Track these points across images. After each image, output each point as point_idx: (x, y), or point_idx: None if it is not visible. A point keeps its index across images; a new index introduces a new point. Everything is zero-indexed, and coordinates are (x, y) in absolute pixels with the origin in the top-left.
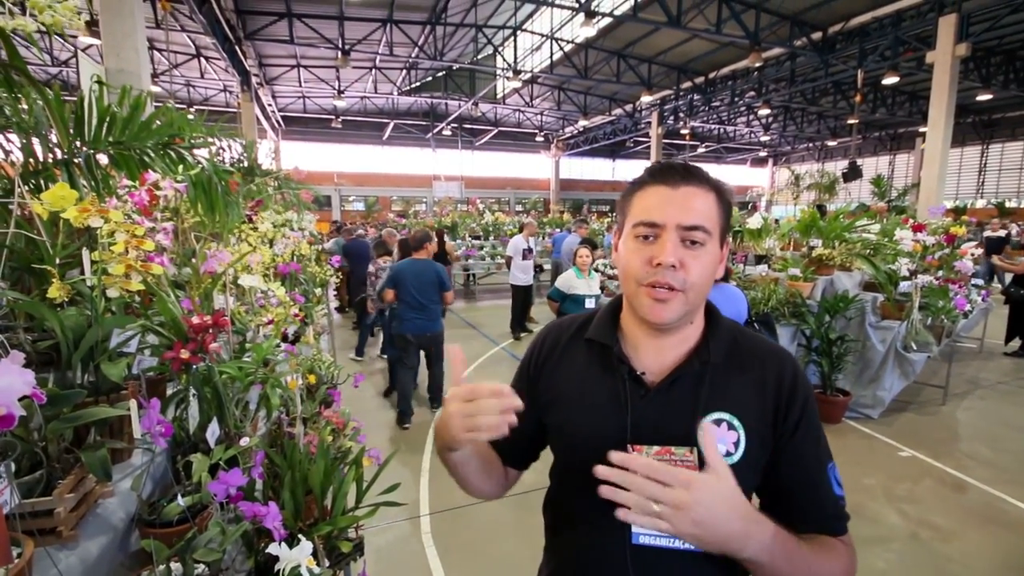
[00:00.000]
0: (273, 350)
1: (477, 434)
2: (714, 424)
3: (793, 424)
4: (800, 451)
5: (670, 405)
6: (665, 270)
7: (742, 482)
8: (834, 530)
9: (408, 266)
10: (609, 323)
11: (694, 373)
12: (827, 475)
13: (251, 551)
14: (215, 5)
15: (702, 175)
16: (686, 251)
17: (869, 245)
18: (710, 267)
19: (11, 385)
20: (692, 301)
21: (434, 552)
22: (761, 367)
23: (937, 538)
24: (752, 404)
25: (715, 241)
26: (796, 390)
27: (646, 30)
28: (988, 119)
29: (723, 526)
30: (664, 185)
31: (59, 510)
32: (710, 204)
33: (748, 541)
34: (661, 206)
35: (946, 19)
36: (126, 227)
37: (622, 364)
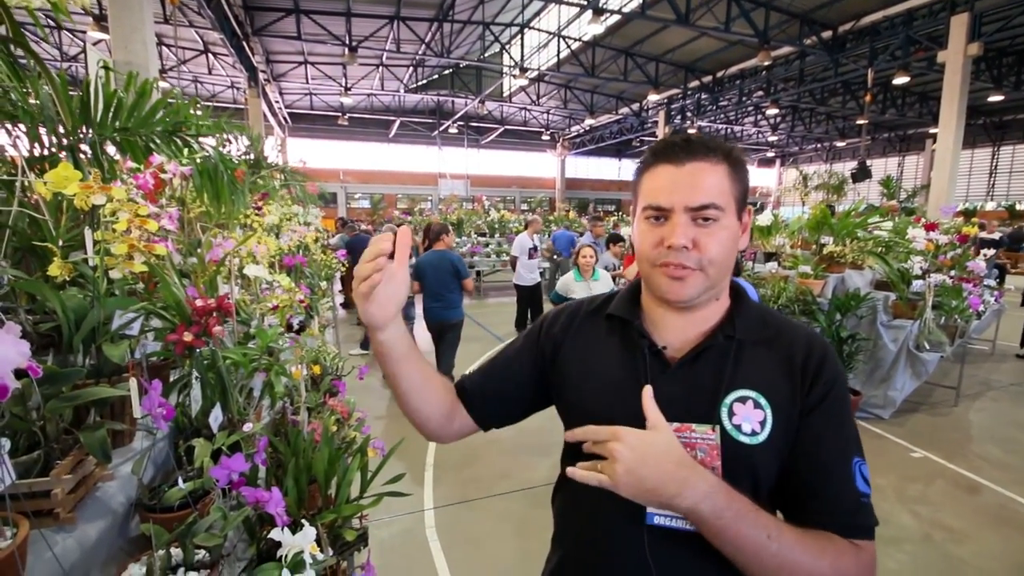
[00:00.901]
0: (278, 338)
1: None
2: (739, 402)
3: (816, 401)
4: (819, 432)
5: (693, 381)
6: (677, 252)
7: (765, 465)
8: (849, 527)
9: (427, 258)
10: (630, 300)
11: (718, 348)
12: (850, 467)
13: (253, 538)
14: (224, 1)
15: (708, 145)
16: (698, 229)
17: (881, 243)
18: (727, 242)
19: (5, 355)
20: (713, 277)
21: (438, 546)
22: (789, 345)
23: (950, 539)
24: (779, 382)
25: (730, 214)
26: (823, 370)
27: (654, 28)
28: (999, 121)
29: (653, 473)
30: (669, 164)
31: (56, 491)
32: (720, 177)
33: (683, 488)
34: (667, 188)
35: (958, 18)
36: (129, 206)
37: (643, 339)
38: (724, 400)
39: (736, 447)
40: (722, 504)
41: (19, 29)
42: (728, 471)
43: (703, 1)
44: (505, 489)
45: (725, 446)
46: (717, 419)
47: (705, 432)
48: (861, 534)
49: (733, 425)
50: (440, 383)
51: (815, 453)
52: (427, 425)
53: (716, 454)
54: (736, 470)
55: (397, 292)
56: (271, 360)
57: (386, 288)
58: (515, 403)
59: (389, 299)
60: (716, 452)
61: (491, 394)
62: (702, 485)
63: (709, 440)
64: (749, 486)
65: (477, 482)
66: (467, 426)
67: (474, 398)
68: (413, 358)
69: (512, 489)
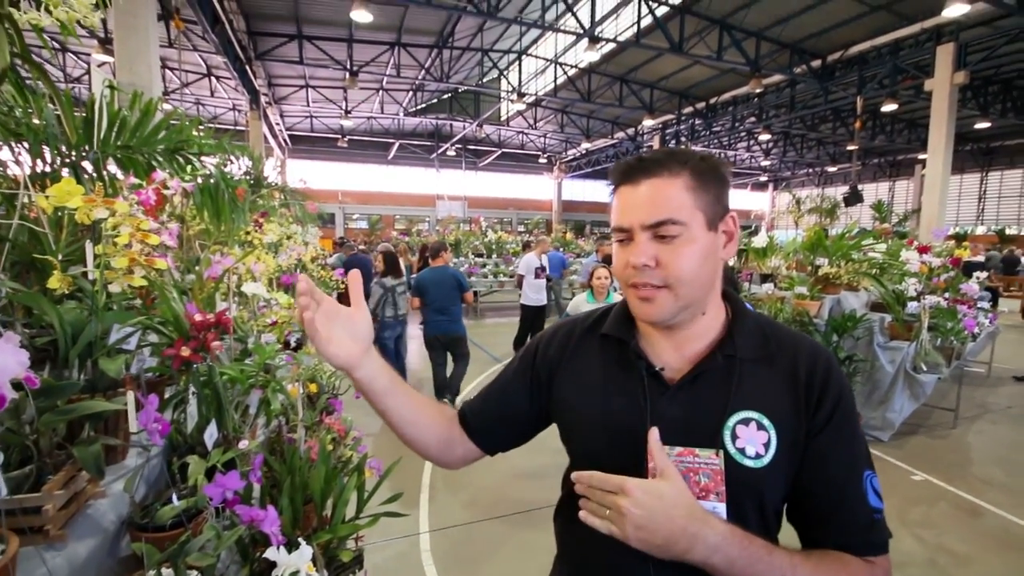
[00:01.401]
0: (275, 355)
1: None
2: (743, 424)
3: (824, 419)
4: (829, 451)
5: (693, 403)
6: (641, 271)
7: (771, 488)
8: (863, 547)
9: (429, 274)
10: (625, 318)
11: (718, 368)
12: (861, 483)
13: (246, 559)
14: (227, 26)
15: (664, 161)
16: (661, 246)
17: (876, 264)
18: (695, 256)
19: (4, 365)
20: (685, 295)
21: (434, 571)
22: (792, 360)
23: (954, 563)
24: (783, 401)
25: (695, 227)
26: (828, 384)
27: (648, 56)
28: (987, 147)
29: (663, 527)
30: (627, 185)
31: (47, 507)
32: (677, 190)
33: (694, 543)
34: (626, 209)
35: (944, 48)
36: (131, 220)
37: (640, 360)
38: (727, 423)
39: (740, 471)
40: (734, 554)
41: (26, 49)
42: (733, 495)
43: (696, 31)
44: (502, 512)
45: (729, 470)
46: (720, 443)
47: (709, 457)
48: (875, 551)
49: (737, 449)
50: (434, 411)
51: (827, 474)
52: (427, 453)
53: (720, 479)
54: (741, 494)
55: (358, 330)
56: (268, 377)
57: (345, 328)
58: (517, 426)
59: (351, 338)
60: (720, 477)
61: (492, 420)
62: (713, 538)
63: (713, 465)
64: (755, 508)
65: (473, 505)
66: (472, 452)
67: (475, 425)
68: (398, 391)
69: (509, 512)
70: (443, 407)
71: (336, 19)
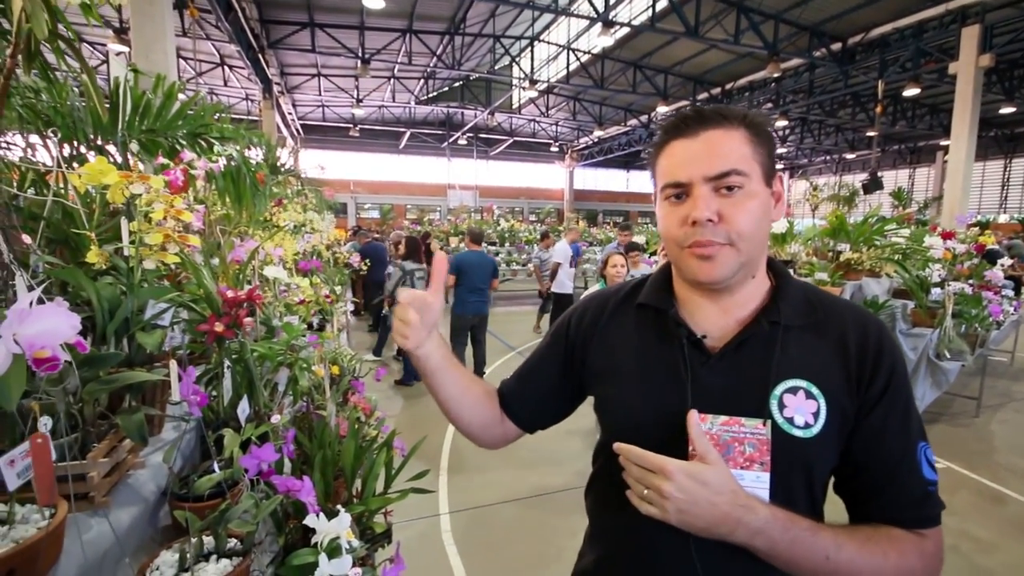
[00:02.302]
0: (302, 334)
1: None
2: (790, 393)
3: (878, 393)
4: (884, 424)
5: (738, 372)
6: (703, 227)
7: (824, 457)
8: (916, 519)
9: (469, 256)
10: (662, 287)
11: (763, 335)
12: (916, 455)
13: (280, 531)
14: (240, 14)
15: (723, 112)
16: (723, 200)
17: (899, 250)
18: (757, 211)
19: (56, 328)
20: (747, 252)
21: (455, 551)
22: (841, 328)
23: (978, 550)
24: (831, 370)
25: (756, 181)
26: (882, 354)
27: (663, 40)
28: (1011, 133)
29: (706, 513)
30: (682, 138)
31: (92, 474)
32: (739, 142)
33: (736, 527)
34: (683, 163)
35: (969, 30)
36: (165, 197)
37: (680, 328)
38: (773, 391)
39: (788, 441)
40: (777, 536)
41: (66, 21)
42: (779, 466)
43: (712, 14)
44: (519, 495)
45: (776, 440)
46: (768, 413)
47: (755, 427)
48: (929, 523)
49: (785, 418)
50: (481, 392)
51: (882, 448)
52: (469, 431)
53: (766, 449)
54: (788, 464)
55: (430, 318)
56: (295, 355)
57: (423, 317)
58: (553, 402)
59: (425, 326)
60: (766, 447)
61: (529, 397)
62: (755, 522)
63: (759, 435)
64: (802, 479)
65: (493, 487)
66: (512, 430)
67: (513, 403)
68: (450, 369)
69: (526, 495)
70: (490, 388)
71: (348, 6)
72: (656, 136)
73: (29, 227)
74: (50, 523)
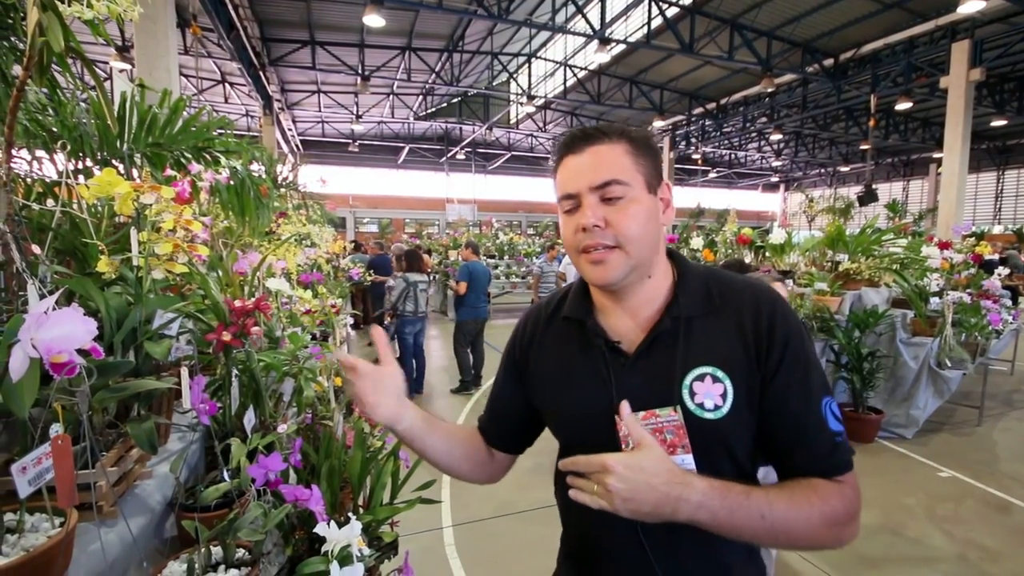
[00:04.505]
0: (306, 344)
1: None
2: (698, 380)
3: (776, 362)
4: (784, 391)
5: (652, 369)
6: (591, 233)
7: (739, 432)
8: (827, 469)
9: (476, 265)
10: (581, 298)
11: (668, 332)
12: (819, 411)
13: (287, 541)
14: (242, 32)
15: (604, 130)
16: (608, 207)
17: (897, 260)
18: (642, 215)
19: (73, 332)
20: (635, 254)
21: (459, 564)
22: (736, 310)
23: (985, 559)
24: (733, 351)
25: (639, 188)
26: (774, 327)
27: (659, 57)
28: (1003, 145)
29: (646, 497)
30: (571, 155)
31: (101, 483)
32: (619, 154)
33: (678, 504)
34: (573, 176)
35: (959, 45)
36: (175, 207)
37: (598, 337)
38: (684, 382)
39: (702, 424)
40: (716, 506)
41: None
42: (699, 446)
43: (707, 31)
44: (521, 508)
45: (691, 425)
46: (678, 399)
47: (668, 414)
48: (841, 470)
49: (696, 404)
50: (463, 437)
51: (786, 411)
52: (466, 477)
53: (683, 433)
54: (707, 444)
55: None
56: (300, 366)
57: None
58: (526, 419)
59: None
60: (682, 431)
61: (503, 424)
62: (695, 496)
63: (673, 421)
64: (724, 454)
65: (495, 500)
66: (505, 459)
67: (492, 435)
68: (434, 431)
69: (528, 508)
70: (471, 430)
71: (348, 24)
72: (554, 156)
73: (37, 238)
74: (61, 530)
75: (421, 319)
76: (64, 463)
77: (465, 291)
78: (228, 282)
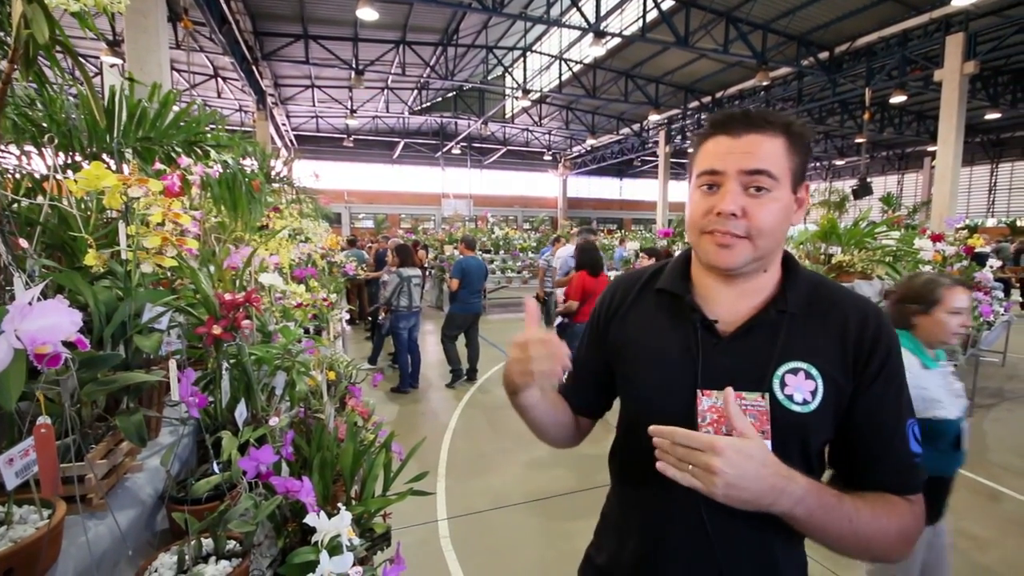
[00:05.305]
0: (298, 338)
1: (529, 378)
2: (791, 374)
3: (873, 374)
4: (878, 403)
5: (745, 353)
6: (726, 219)
7: (820, 430)
8: (903, 487)
9: (470, 262)
10: (681, 273)
11: (770, 322)
12: (904, 431)
13: (279, 533)
14: (234, 26)
15: (767, 119)
16: (749, 199)
17: (889, 252)
18: (778, 213)
19: (57, 324)
20: (762, 248)
21: (454, 557)
22: (842, 315)
23: (975, 548)
24: (831, 353)
25: (783, 187)
26: (879, 340)
27: (654, 50)
28: (997, 138)
29: (752, 485)
30: (726, 135)
31: (90, 476)
32: (776, 148)
33: (780, 497)
34: (722, 154)
35: (953, 38)
36: (163, 200)
37: (694, 312)
38: (776, 372)
39: (787, 415)
40: (813, 504)
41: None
42: (779, 436)
43: (702, 24)
44: (516, 500)
45: (776, 414)
46: (768, 387)
47: (755, 399)
48: (915, 490)
49: (785, 395)
50: (563, 406)
51: (877, 422)
52: (563, 443)
53: (766, 419)
54: (787, 436)
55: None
56: (293, 359)
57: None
58: (603, 388)
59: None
60: (766, 418)
61: (584, 388)
62: (797, 491)
63: (759, 407)
64: (799, 449)
65: (491, 493)
66: (586, 423)
67: (574, 401)
68: (547, 399)
69: (523, 501)
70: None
71: (342, 18)
72: (702, 127)
73: (25, 232)
74: (49, 522)
75: (415, 314)
76: (47, 452)
77: (458, 287)
78: (220, 277)
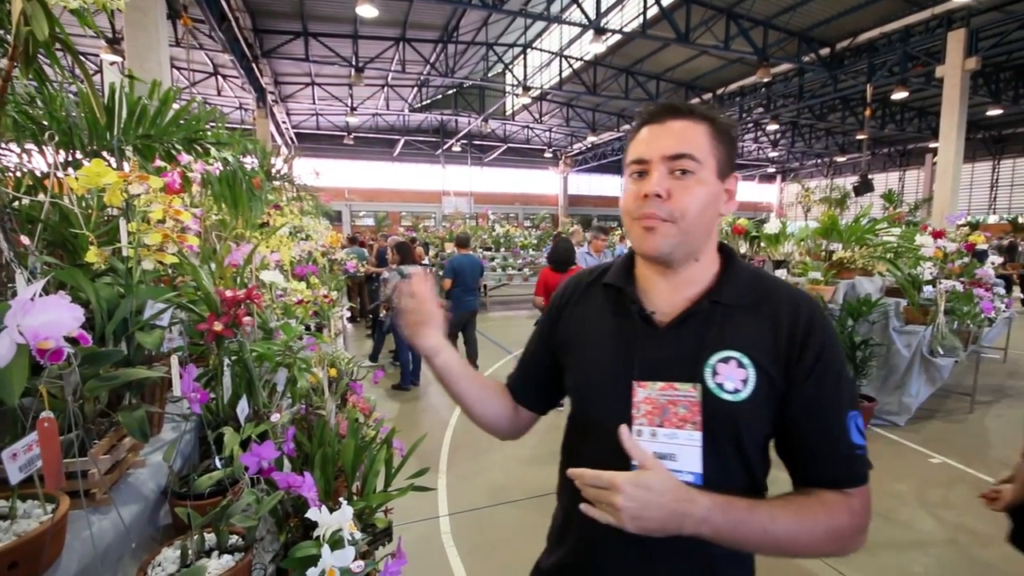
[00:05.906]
0: (299, 335)
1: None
2: (723, 362)
3: (808, 367)
4: (814, 396)
5: (679, 344)
6: (651, 201)
7: (752, 421)
8: (844, 480)
9: (462, 259)
10: (625, 268)
11: (704, 313)
12: (845, 423)
13: (281, 528)
14: (234, 24)
15: (691, 108)
16: (674, 181)
17: (890, 249)
18: (704, 197)
19: (59, 319)
20: (686, 231)
21: (455, 552)
22: (775, 308)
23: (976, 543)
24: (763, 344)
25: (708, 170)
26: (811, 333)
27: (655, 47)
28: (999, 135)
29: (655, 514)
30: (653, 123)
31: (93, 471)
32: (699, 134)
33: (683, 520)
34: (648, 142)
35: (955, 34)
36: (163, 197)
37: (633, 304)
38: (708, 360)
39: (718, 403)
40: (719, 521)
41: (61, 27)
42: (709, 425)
43: (702, 20)
44: (516, 497)
45: (707, 403)
46: (700, 377)
47: (687, 390)
48: (854, 482)
49: (716, 384)
50: (497, 389)
51: (813, 418)
52: (499, 429)
53: (697, 410)
54: (717, 425)
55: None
56: (294, 356)
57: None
58: (549, 383)
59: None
60: (697, 408)
61: (531, 381)
62: (699, 512)
63: (690, 397)
64: (731, 440)
65: (491, 489)
66: (527, 416)
67: (519, 391)
68: (471, 375)
69: (523, 497)
70: (503, 386)
71: (341, 15)
72: (633, 123)
73: (27, 229)
74: (53, 516)
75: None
76: (50, 446)
77: (451, 286)
78: (221, 274)
